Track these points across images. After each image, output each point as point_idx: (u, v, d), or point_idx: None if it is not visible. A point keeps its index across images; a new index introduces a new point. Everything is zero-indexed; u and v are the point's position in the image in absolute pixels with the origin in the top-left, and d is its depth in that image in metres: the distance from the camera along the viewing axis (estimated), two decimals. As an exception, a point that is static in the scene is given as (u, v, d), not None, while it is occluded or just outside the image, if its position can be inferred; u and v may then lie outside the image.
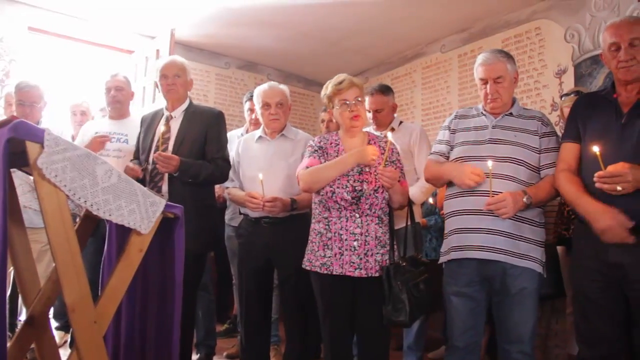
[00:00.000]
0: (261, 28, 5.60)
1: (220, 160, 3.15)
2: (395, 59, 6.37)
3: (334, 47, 6.07)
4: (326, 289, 2.66)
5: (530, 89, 4.76)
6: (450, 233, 2.62)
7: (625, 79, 2.29)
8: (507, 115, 2.64)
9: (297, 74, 7.13)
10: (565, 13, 4.55)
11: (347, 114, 2.74)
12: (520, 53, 4.87)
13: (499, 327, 2.56)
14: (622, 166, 2.08)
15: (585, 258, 2.36)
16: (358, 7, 5.02)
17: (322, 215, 2.70)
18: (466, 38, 5.47)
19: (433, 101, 5.81)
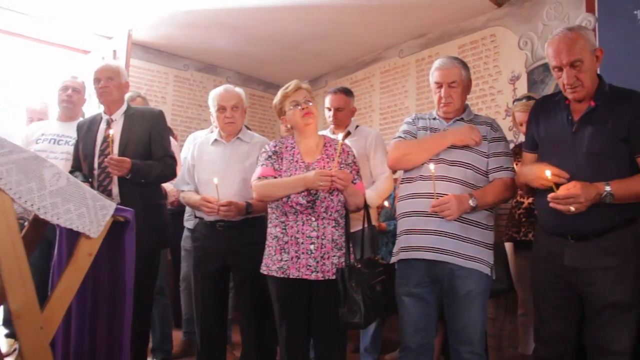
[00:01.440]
0: (220, 30, 5.56)
1: (168, 158, 3.21)
2: (354, 64, 6.41)
3: (293, 50, 6.07)
4: (283, 293, 2.66)
5: (485, 95, 4.85)
6: (400, 234, 2.67)
7: (573, 99, 2.35)
8: (459, 121, 2.70)
9: (257, 76, 7.11)
10: (518, 21, 4.65)
11: (299, 112, 2.77)
12: (476, 59, 4.96)
13: (450, 328, 2.60)
14: (574, 187, 2.13)
15: (543, 261, 2.44)
16: (317, 12, 5.03)
17: (279, 220, 2.70)
18: (424, 43, 5.54)
19: (391, 105, 5.86)
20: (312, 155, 2.80)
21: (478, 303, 2.51)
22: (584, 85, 2.29)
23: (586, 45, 2.29)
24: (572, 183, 2.16)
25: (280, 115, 2.89)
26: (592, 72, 2.32)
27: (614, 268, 2.21)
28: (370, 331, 3.69)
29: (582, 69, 2.27)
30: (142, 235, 2.83)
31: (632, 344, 2.24)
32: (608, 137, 2.23)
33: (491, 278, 2.57)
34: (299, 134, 2.84)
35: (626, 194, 2.16)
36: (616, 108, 2.27)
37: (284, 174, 2.72)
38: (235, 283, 3.14)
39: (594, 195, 2.13)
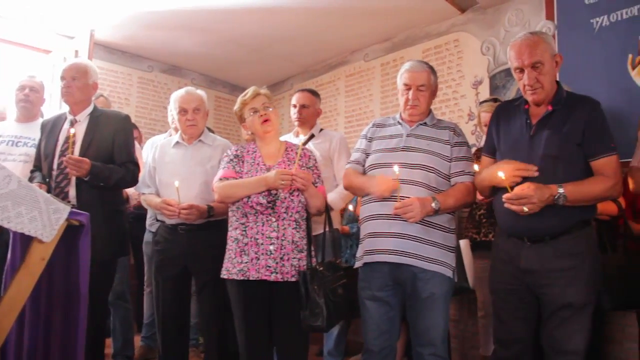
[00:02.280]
0: (185, 32, 5.52)
1: (130, 164, 3.12)
2: (319, 67, 6.42)
3: (258, 53, 6.05)
4: (243, 296, 2.64)
5: (449, 99, 4.90)
6: (364, 238, 2.66)
7: (532, 101, 2.40)
8: (422, 125, 2.72)
9: (222, 79, 7.07)
10: (481, 27, 4.72)
11: (257, 119, 2.77)
12: (440, 64, 5.01)
13: (412, 331, 2.61)
14: (528, 187, 2.18)
15: (501, 263, 2.47)
16: (282, 15, 5.03)
17: (239, 222, 2.68)
18: (389, 48, 5.58)
19: (356, 109, 5.89)
20: (274, 159, 2.80)
21: (440, 305, 2.53)
22: (544, 87, 2.34)
23: (547, 49, 2.35)
24: (526, 184, 2.20)
25: (241, 122, 2.89)
26: (552, 75, 2.38)
27: (568, 269, 2.26)
28: (334, 334, 3.69)
29: (542, 71, 2.33)
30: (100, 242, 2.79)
31: (586, 343, 2.29)
32: (564, 141, 2.29)
33: (453, 280, 2.60)
34: (260, 140, 2.85)
35: (579, 197, 2.21)
36: (572, 113, 2.33)
37: (245, 176, 2.72)
38: (197, 287, 3.11)
39: (547, 196, 2.17)
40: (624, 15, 3.81)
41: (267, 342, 2.70)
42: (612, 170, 2.25)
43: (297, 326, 2.60)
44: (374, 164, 2.68)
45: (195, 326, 3.90)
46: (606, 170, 2.25)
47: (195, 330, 3.94)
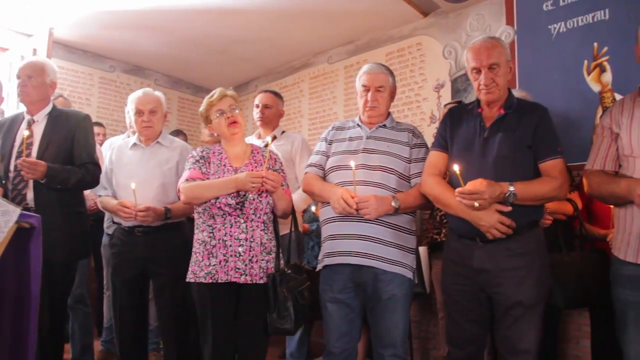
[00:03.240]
0: (148, 32, 5.44)
1: (90, 164, 3.05)
2: (283, 69, 6.40)
3: (222, 54, 6.01)
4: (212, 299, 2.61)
5: (411, 102, 4.94)
6: (325, 240, 2.68)
7: (486, 100, 2.46)
8: (381, 127, 2.75)
9: (186, 80, 6.99)
10: (443, 31, 4.77)
11: (224, 121, 2.76)
12: (403, 67, 5.05)
13: (373, 332, 2.63)
14: (480, 184, 2.22)
15: (453, 263, 2.50)
16: (246, 16, 5.00)
17: (206, 224, 2.66)
18: (352, 50, 5.60)
19: (319, 111, 5.89)
20: (240, 161, 2.79)
21: (401, 307, 2.55)
22: (499, 87, 2.43)
23: (503, 53, 2.46)
24: (478, 180, 2.24)
25: (207, 123, 2.87)
26: (506, 79, 2.48)
27: (519, 269, 2.31)
28: (297, 336, 3.69)
29: (498, 73, 2.42)
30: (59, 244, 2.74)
31: (537, 342, 2.34)
32: (516, 143, 2.36)
33: (413, 282, 2.63)
34: (226, 142, 2.84)
35: (528, 195, 2.27)
36: (523, 117, 2.41)
37: (211, 177, 2.70)
38: (155, 290, 3.06)
39: (498, 193, 2.23)
40: (580, 22, 3.89)
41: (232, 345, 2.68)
42: (559, 172, 2.33)
43: (261, 328, 2.60)
44: (334, 166, 2.70)
45: (156, 330, 3.85)
46: (553, 171, 2.32)
47: (156, 333, 3.88)
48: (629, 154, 2.26)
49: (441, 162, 2.56)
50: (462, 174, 2.27)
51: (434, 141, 2.66)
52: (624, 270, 2.25)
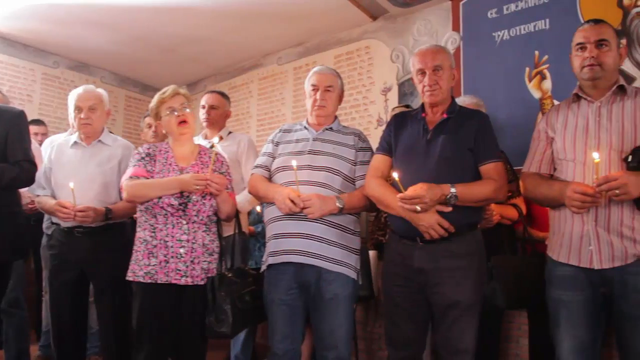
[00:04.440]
0: (94, 28, 5.30)
1: (26, 162, 2.93)
2: (233, 69, 6.36)
3: (171, 53, 5.93)
4: (149, 299, 2.58)
5: (359, 104, 4.98)
6: (269, 239, 2.68)
7: (430, 102, 2.52)
8: (328, 130, 2.78)
9: (134, 78, 6.86)
10: (391, 35, 4.83)
11: (174, 120, 2.73)
12: (351, 69, 5.09)
13: (316, 333, 2.64)
14: (420, 188, 2.27)
15: (393, 264, 2.53)
16: (195, 15, 4.95)
17: (148, 223, 2.63)
18: (302, 52, 5.61)
19: (268, 112, 5.87)
20: (187, 161, 2.77)
21: (344, 307, 2.56)
22: (442, 89, 2.49)
23: (448, 59, 2.54)
24: (419, 184, 2.29)
25: (156, 119, 2.83)
26: (449, 83, 2.55)
27: (458, 269, 2.36)
28: (241, 338, 3.66)
29: (442, 76, 2.50)
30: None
31: (475, 342, 2.40)
32: (458, 145, 2.42)
33: (357, 282, 2.65)
34: (174, 140, 2.81)
35: (468, 197, 2.33)
36: (465, 122, 2.48)
37: (156, 176, 2.66)
38: (95, 292, 3.00)
39: (439, 195, 2.27)
40: (523, 30, 4.01)
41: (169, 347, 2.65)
42: (498, 175, 2.40)
43: (202, 331, 2.58)
44: (280, 166, 2.71)
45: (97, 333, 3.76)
46: (493, 174, 2.39)
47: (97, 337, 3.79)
48: (563, 158, 2.35)
49: (384, 166, 2.60)
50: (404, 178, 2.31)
51: (378, 145, 2.70)
52: (557, 271, 2.33)
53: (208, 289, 2.58)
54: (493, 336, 3.26)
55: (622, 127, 2.22)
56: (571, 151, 2.32)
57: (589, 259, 2.22)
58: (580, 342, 2.25)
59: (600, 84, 2.31)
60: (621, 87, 2.30)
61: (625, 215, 2.16)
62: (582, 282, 2.25)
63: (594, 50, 2.26)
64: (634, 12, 3.51)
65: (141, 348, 2.58)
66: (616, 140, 2.21)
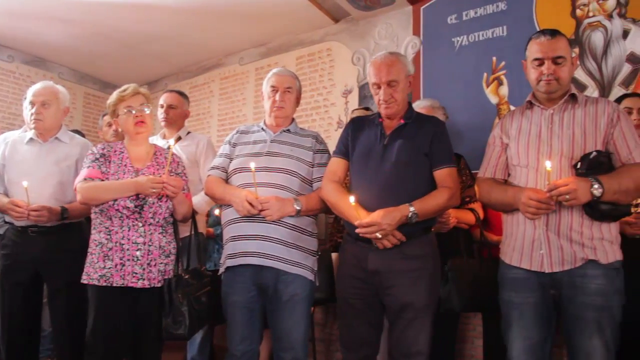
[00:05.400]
0: (51, 22, 5.16)
1: None
2: (194, 68, 6.30)
3: (132, 50, 5.82)
4: (105, 303, 2.54)
5: (320, 106, 4.99)
6: (227, 241, 2.67)
7: (385, 114, 2.57)
8: (285, 132, 2.79)
9: (93, 75, 6.71)
10: (353, 38, 4.86)
11: (132, 120, 2.70)
12: (312, 71, 5.09)
13: (273, 335, 2.65)
14: (377, 215, 2.31)
15: (348, 266, 2.56)
16: (157, 12, 4.87)
17: (103, 225, 2.60)
18: (264, 53, 5.59)
19: (229, 112, 5.83)
20: (142, 162, 2.74)
21: (301, 308, 2.58)
22: (397, 102, 2.53)
23: (403, 70, 2.56)
24: (376, 212, 2.33)
25: (113, 116, 2.79)
26: (405, 93, 2.59)
27: (412, 272, 2.41)
28: (197, 340, 3.64)
29: (397, 89, 2.53)
30: None
31: (429, 343, 2.44)
32: (414, 150, 2.47)
33: (315, 284, 2.66)
34: (130, 140, 2.78)
35: (428, 211, 2.39)
36: (421, 127, 2.53)
37: (111, 177, 2.63)
38: (49, 294, 2.94)
39: (399, 218, 2.32)
40: (481, 37, 4.08)
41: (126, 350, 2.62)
42: (452, 181, 2.46)
43: (158, 333, 2.57)
44: (237, 168, 2.70)
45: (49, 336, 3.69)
46: (447, 180, 2.45)
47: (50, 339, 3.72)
48: (517, 164, 2.41)
49: (341, 169, 2.63)
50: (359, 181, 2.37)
51: (335, 148, 2.73)
52: (509, 274, 2.38)
53: (165, 290, 2.57)
54: (449, 337, 3.31)
55: (572, 134, 2.29)
56: (524, 157, 2.37)
57: (539, 263, 2.27)
58: (530, 343, 2.30)
59: (554, 94, 2.37)
60: (573, 95, 2.37)
61: (575, 220, 2.22)
62: (533, 285, 2.31)
63: (552, 66, 2.32)
64: (586, 22, 3.62)
65: (95, 351, 2.54)
66: (567, 147, 2.28)
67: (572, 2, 3.69)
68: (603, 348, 2.15)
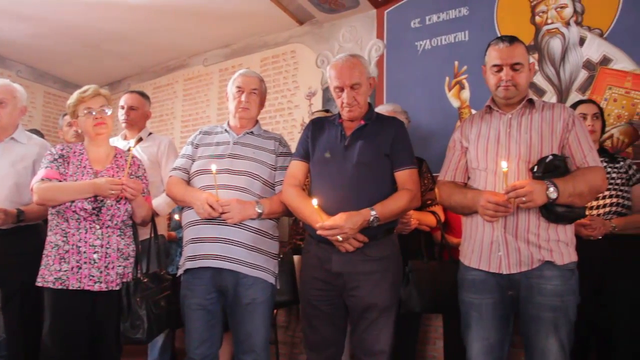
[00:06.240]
0: (9, 19, 5.03)
1: None
2: (158, 69, 6.24)
3: (93, 49, 5.73)
4: (61, 306, 2.49)
5: (284, 108, 4.99)
6: (187, 243, 2.66)
7: (348, 117, 2.57)
8: (248, 134, 2.78)
9: (53, 74, 6.57)
10: (317, 40, 4.88)
11: (91, 121, 2.66)
12: (277, 73, 5.10)
13: (234, 338, 2.63)
14: (340, 218, 2.32)
15: (311, 268, 2.56)
16: (120, 11, 4.81)
17: (60, 227, 2.55)
18: (228, 54, 5.57)
19: (193, 113, 5.79)
20: (102, 164, 2.71)
21: (262, 311, 2.57)
22: (360, 105, 2.54)
23: (364, 72, 2.57)
24: (338, 215, 2.34)
25: (72, 117, 2.74)
26: (367, 95, 2.60)
27: (375, 273, 2.43)
28: (158, 344, 3.61)
29: (360, 91, 2.53)
30: None
31: (391, 343, 2.47)
32: (375, 151, 2.48)
33: (276, 287, 2.66)
34: (89, 141, 2.74)
35: (389, 214, 2.41)
36: (382, 128, 2.55)
37: (69, 178, 2.59)
38: (3, 299, 2.86)
39: (361, 222, 2.33)
40: (444, 41, 4.14)
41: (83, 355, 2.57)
42: (413, 182, 2.49)
43: (116, 337, 2.54)
44: (199, 170, 2.68)
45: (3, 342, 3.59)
46: (408, 181, 2.48)
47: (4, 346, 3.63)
48: (476, 167, 2.45)
49: (301, 172, 2.64)
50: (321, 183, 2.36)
51: (295, 151, 2.73)
52: (468, 275, 2.42)
53: (123, 294, 2.54)
54: (411, 338, 3.34)
55: (530, 138, 2.34)
56: (483, 161, 2.41)
57: (498, 264, 2.31)
58: (489, 343, 2.34)
59: (512, 100, 2.42)
60: (530, 100, 2.42)
61: (532, 222, 2.27)
62: (491, 286, 2.34)
63: (510, 72, 2.36)
64: (544, 29, 3.70)
65: (51, 357, 2.49)
66: (524, 151, 2.32)
67: (532, 9, 3.77)
68: (558, 347, 2.20)
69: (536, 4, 3.75)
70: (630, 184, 2.96)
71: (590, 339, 2.94)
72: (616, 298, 2.82)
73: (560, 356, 2.20)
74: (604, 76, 3.43)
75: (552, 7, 3.68)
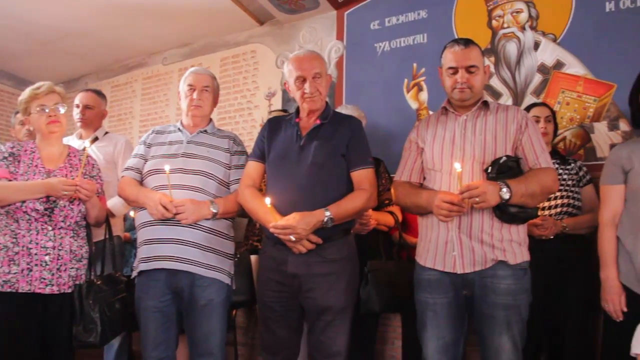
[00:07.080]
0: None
1: None
2: (116, 67, 6.13)
3: (48, 46, 5.58)
4: (9, 310, 2.42)
5: (243, 108, 4.96)
6: (141, 245, 2.63)
7: (310, 109, 2.56)
8: (202, 132, 2.76)
9: (7, 71, 6.40)
10: (277, 41, 4.87)
11: (44, 119, 2.60)
12: (237, 73, 5.07)
13: (190, 340, 2.61)
14: (293, 218, 2.31)
15: (268, 270, 2.55)
16: (77, 7, 4.69)
17: (9, 227, 2.48)
18: (188, 53, 5.52)
19: (151, 112, 5.72)
20: (55, 163, 2.65)
21: (218, 313, 2.56)
22: (322, 96, 2.56)
23: (324, 65, 2.61)
24: (291, 215, 2.32)
25: (24, 114, 2.68)
26: (326, 89, 2.61)
27: (330, 274, 2.42)
28: (115, 347, 3.55)
29: (321, 83, 2.55)
30: None
31: (348, 344, 2.47)
32: (330, 151, 2.47)
33: (232, 288, 2.65)
34: (42, 139, 2.68)
35: (344, 215, 2.40)
36: (338, 128, 2.54)
37: (20, 177, 2.52)
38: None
39: (315, 222, 2.32)
40: (402, 43, 4.17)
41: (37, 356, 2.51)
42: (369, 182, 2.49)
43: (69, 341, 2.49)
44: (152, 169, 2.66)
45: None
46: (364, 181, 2.47)
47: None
48: (432, 168, 2.47)
49: (257, 173, 2.62)
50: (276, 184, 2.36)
51: (251, 151, 2.72)
52: (423, 275, 2.45)
53: (75, 297, 2.49)
54: (369, 338, 3.36)
55: (484, 140, 2.38)
56: (439, 162, 2.44)
57: (452, 264, 2.34)
58: (444, 343, 2.37)
59: (467, 102, 2.45)
60: (485, 102, 2.46)
61: (485, 222, 2.31)
62: (446, 286, 2.38)
63: (465, 75, 2.40)
64: (501, 33, 3.77)
65: None
66: (479, 152, 2.36)
67: (489, 13, 3.83)
68: (511, 344, 2.25)
69: (493, 9, 3.82)
70: (581, 185, 3.04)
71: (542, 337, 3.00)
72: (567, 297, 2.88)
73: (513, 354, 2.25)
74: (557, 80, 3.51)
75: (508, 12, 3.75)
